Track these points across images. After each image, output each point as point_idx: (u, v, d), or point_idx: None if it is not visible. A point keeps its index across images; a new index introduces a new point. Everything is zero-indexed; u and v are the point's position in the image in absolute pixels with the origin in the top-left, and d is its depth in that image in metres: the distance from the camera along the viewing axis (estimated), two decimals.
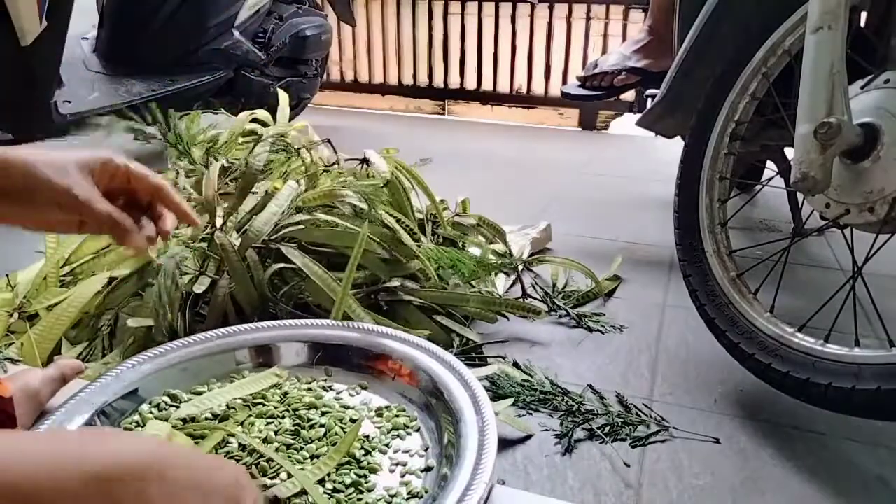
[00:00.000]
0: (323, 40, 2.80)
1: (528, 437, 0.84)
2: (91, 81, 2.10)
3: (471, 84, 3.41)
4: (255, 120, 1.35)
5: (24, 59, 1.72)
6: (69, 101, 1.95)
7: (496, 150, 2.65)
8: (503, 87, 3.36)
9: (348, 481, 0.65)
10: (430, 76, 3.48)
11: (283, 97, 1.47)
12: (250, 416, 0.73)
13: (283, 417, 0.74)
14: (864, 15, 0.98)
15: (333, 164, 1.22)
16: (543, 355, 1.04)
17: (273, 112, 1.38)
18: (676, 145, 1.41)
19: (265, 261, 1.01)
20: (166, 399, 0.75)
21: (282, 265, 0.99)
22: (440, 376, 0.76)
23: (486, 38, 3.31)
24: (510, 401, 0.88)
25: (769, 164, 1.83)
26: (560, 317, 1.17)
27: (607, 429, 0.85)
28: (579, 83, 1.86)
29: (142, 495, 0.37)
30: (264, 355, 0.85)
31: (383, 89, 3.58)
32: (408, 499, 0.64)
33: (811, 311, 0.87)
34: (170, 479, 0.38)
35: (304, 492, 0.63)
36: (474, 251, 1.23)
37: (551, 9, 3.13)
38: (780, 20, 0.96)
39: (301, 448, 0.69)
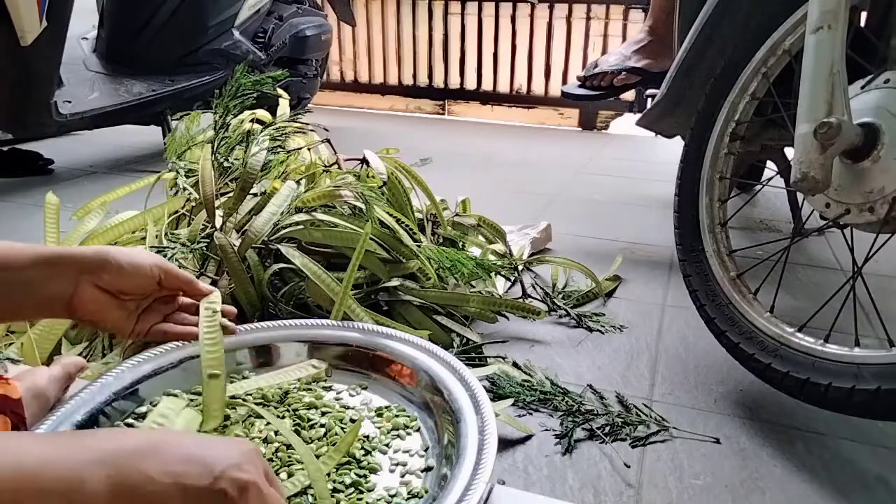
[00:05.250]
0: (323, 40, 2.80)
1: (528, 437, 0.84)
2: (91, 81, 2.10)
3: (471, 84, 3.42)
4: (255, 120, 1.35)
5: (24, 59, 1.72)
6: (69, 101, 1.95)
7: (496, 150, 2.65)
8: (503, 87, 3.36)
9: (348, 481, 0.65)
10: (430, 76, 3.48)
11: (283, 97, 1.47)
12: (250, 416, 0.73)
13: (283, 417, 0.74)
14: (864, 15, 0.98)
15: (333, 164, 1.22)
16: (543, 355, 1.04)
17: (273, 112, 1.38)
18: (676, 145, 1.41)
19: (265, 261, 1.01)
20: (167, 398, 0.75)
21: (282, 265, 0.99)
22: (440, 376, 0.76)
23: (486, 38, 3.31)
24: (510, 401, 0.88)
25: (769, 164, 1.83)
26: (560, 317, 1.17)
27: (607, 429, 0.85)
28: (579, 83, 1.86)
29: (140, 469, 0.39)
30: (264, 355, 0.85)
31: (383, 89, 3.59)
32: (408, 499, 0.64)
33: (811, 311, 0.87)
34: (167, 453, 0.41)
35: (303, 491, 0.63)
36: (474, 251, 1.23)
37: (551, 9, 3.14)
38: (780, 20, 0.96)
39: None
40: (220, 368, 0.68)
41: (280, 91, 1.45)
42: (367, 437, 0.72)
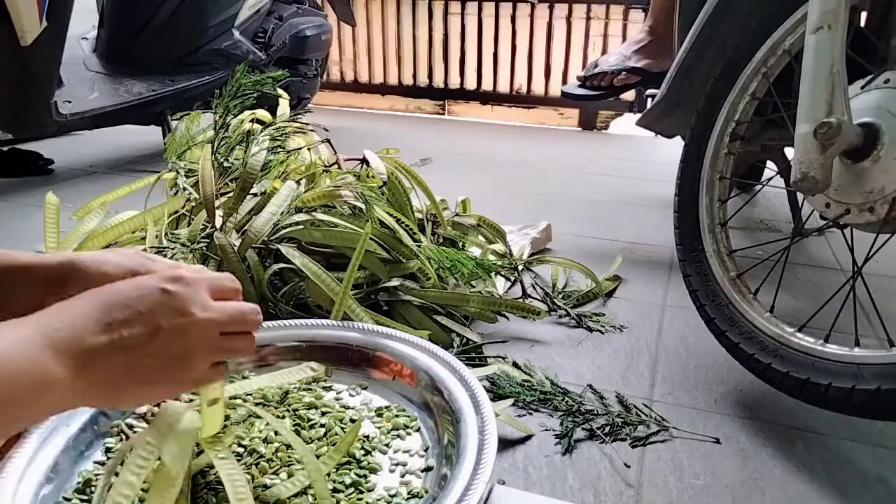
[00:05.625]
0: (323, 40, 2.80)
1: (528, 437, 0.84)
2: (91, 81, 2.10)
3: (471, 84, 3.42)
4: (255, 120, 1.35)
5: (24, 59, 1.72)
6: (69, 101, 1.95)
7: (496, 150, 2.65)
8: (503, 87, 3.36)
9: (348, 481, 0.65)
10: (430, 76, 3.48)
11: (283, 97, 1.47)
12: (251, 415, 0.73)
13: (283, 417, 0.74)
14: (864, 15, 0.98)
15: (333, 164, 1.22)
16: (543, 355, 1.04)
17: (273, 112, 1.38)
18: (676, 145, 1.41)
19: (265, 261, 1.01)
20: None
21: (282, 265, 0.99)
22: (440, 376, 0.76)
23: (486, 38, 3.31)
24: (510, 401, 0.88)
25: (769, 164, 1.83)
26: (560, 317, 1.17)
27: (607, 429, 0.85)
28: (579, 83, 1.86)
29: (84, 344, 0.42)
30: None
31: (383, 89, 3.59)
32: (408, 499, 0.64)
33: (811, 311, 0.87)
34: (96, 314, 0.43)
35: (303, 491, 0.63)
36: (474, 251, 1.23)
37: (551, 9, 3.14)
38: (780, 20, 0.96)
39: None
40: (220, 392, 0.62)
41: (280, 91, 1.45)
42: (367, 437, 0.72)
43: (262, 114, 1.31)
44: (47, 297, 0.55)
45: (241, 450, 0.68)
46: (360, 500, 0.63)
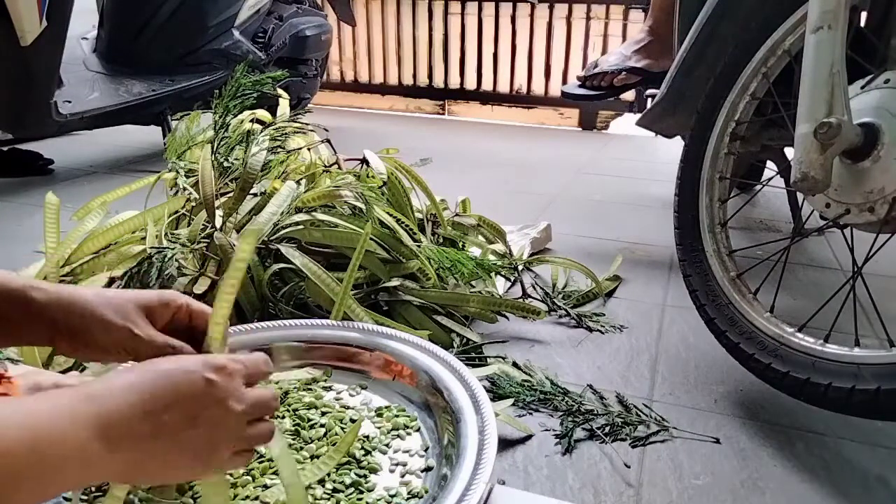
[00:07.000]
0: (323, 40, 2.80)
1: (528, 437, 0.84)
2: (91, 81, 2.10)
3: (471, 84, 3.42)
4: (255, 120, 1.35)
5: (24, 59, 1.72)
6: (69, 101, 1.95)
7: (496, 150, 2.65)
8: (503, 87, 3.36)
9: (348, 481, 0.65)
10: (430, 76, 3.48)
11: (283, 97, 1.47)
12: None
13: (283, 417, 0.74)
14: (864, 15, 0.98)
15: (333, 164, 1.22)
16: (543, 355, 1.04)
17: (273, 112, 1.38)
18: (676, 145, 1.41)
19: (265, 261, 1.01)
20: None
21: (282, 265, 0.99)
22: (440, 376, 0.76)
23: (486, 38, 3.31)
24: (510, 401, 0.88)
25: (769, 164, 1.83)
26: (560, 317, 1.17)
27: (607, 429, 0.85)
28: (579, 83, 1.86)
29: (132, 431, 0.43)
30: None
31: (383, 89, 3.59)
32: (408, 499, 0.64)
33: (811, 311, 0.87)
34: (144, 403, 0.44)
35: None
36: (474, 251, 1.23)
37: (551, 9, 3.14)
38: (780, 20, 0.96)
39: (301, 448, 0.69)
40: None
41: (280, 91, 1.45)
42: (367, 437, 0.72)
43: (262, 114, 1.31)
44: (57, 341, 0.55)
45: None
46: (360, 500, 0.63)
